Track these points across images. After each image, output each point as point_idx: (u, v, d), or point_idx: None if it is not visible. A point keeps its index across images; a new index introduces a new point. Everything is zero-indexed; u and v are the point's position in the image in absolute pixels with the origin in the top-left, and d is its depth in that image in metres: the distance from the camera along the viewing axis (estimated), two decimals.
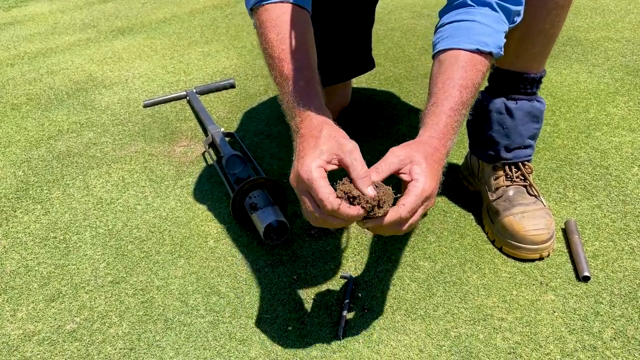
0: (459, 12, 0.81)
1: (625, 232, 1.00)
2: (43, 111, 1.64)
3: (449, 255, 0.98)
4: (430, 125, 0.74)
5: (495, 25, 0.79)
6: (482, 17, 0.79)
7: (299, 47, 0.80)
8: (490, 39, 0.78)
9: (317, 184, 0.65)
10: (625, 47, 1.75)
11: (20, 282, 0.99)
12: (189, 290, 0.95)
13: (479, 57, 0.78)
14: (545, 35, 0.94)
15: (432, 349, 0.81)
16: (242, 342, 0.84)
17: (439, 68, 0.79)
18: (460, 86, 0.75)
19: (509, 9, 0.81)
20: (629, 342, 0.80)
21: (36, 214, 1.18)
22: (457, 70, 0.76)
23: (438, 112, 0.74)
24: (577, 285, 0.90)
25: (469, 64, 0.77)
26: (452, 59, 0.78)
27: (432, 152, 0.71)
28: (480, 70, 0.78)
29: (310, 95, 0.76)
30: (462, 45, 0.78)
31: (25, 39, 2.31)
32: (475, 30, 0.78)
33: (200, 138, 1.43)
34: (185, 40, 2.14)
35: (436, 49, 0.82)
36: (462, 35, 0.78)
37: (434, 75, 0.79)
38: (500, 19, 0.80)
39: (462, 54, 0.77)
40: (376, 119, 1.44)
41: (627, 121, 1.34)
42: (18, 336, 0.88)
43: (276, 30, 0.81)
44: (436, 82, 0.77)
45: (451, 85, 0.75)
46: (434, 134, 0.73)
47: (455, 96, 0.75)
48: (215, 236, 1.07)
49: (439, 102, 0.75)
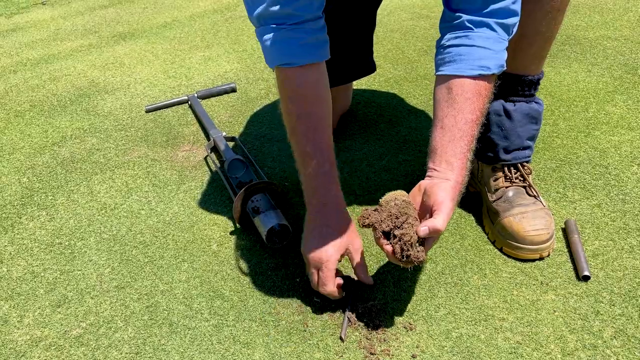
0: (459, 35, 0.84)
1: (625, 231, 1.01)
2: (46, 117, 1.65)
3: (450, 256, 0.99)
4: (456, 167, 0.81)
5: (495, 46, 0.82)
6: (481, 40, 0.82)
7: (322, 125, 0.88)
8: (492, 62, 0.82)
9: (329, 274, 0.86)
10: (624, 45, 1.75)
11: (26, 288, 1.01)
12: (193, 294, 0.96)
13: (482, 83, 0.82)
14: (542, 37, 0.95)
15: (433, 350, 0.82)
16: (246, 345, 0.85)
17: (447, 96, 0.83)
18: (472, 121, 0.82)
19: (507, 25, 0.83)
20: (629, 341, 0.80)
21: (41, 220, 1.19)
22: (465, 102, 0.82)
23: (458, 153, 0.81)
24: (577, 284, 0.91)
25: (475, 95, 0.82)
26: (458, 89, 0.83)
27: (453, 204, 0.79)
28: (486, 96, 0.84)
29: (331, 180, 0.89)
30: (465, 72, 0.82)
31: (28, 45, 2.32)
32: (476, 55, 0.82)
33: (203, 142, 1.44)
34: (186, 45, 2.15)
35: (440, 71, 0.86)
36: (464, 61, 0.83)
37: (442, 102, 0.84)
38: (499, 38, 0.83)
39: (467, 83, 0.82)
40: (376, 121, 1.45)
41: (626, 120, 1.35)
42: (25, 342, 0.90)
43: (299, 103, 0.87)
44: (446, 114, 0.83)
45: (463, 121, 0.81)
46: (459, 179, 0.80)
47: (468, 134, 0.81)
48: (218, 240, 1.08)
49: (456, 141, 0.81)
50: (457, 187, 0.79)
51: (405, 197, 0.79)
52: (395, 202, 0.77)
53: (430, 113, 1.47)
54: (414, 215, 0.76)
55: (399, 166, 1.24)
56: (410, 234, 0.74)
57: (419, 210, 0.80)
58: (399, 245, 0.74)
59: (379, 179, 1.21)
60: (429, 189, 0.79)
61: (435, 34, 2.01)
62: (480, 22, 0.82)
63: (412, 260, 0.74)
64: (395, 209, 0.77)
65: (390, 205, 0.77)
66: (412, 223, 0.75)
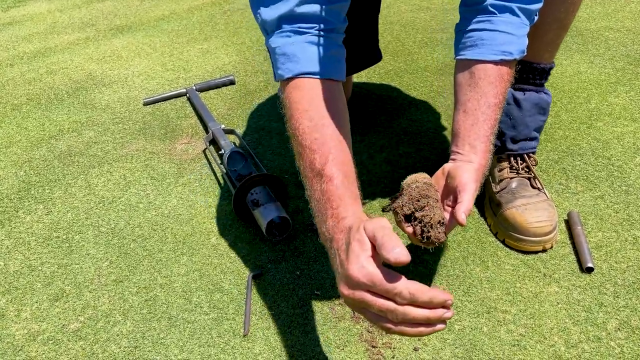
0: (481, 19, 0.83)
1: (629, 222, 1.00)
2: (43, 111, 1.64)
3: (452, 248, 0.98)
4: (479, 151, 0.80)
5: (518, 31, 0.82)
6: (504, 25, 0.81)
7: (333, 137, 0.73)
8: (514, 47, 0.81)
9: (380, 277, 0.56)
10: (626, 36, 1.74)
11: (24, 282, 1.00)
12: (192, 288, 0.95)
13: (505, 69, 0.82)
14: (560, 25, 0.94)
15: (435, 343, 0.81)
16: (246, 339, 0.84)
17: (470, 80, 0.83)
18: (494, 105, 0.81)
19: (530, 10, 0.82)
20: (633, 333, 0.80)
21: (38, 214, 1.18)
22: (488, 87, 0.81)
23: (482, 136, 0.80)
24: (580, 276, 0.90)
25: (498, 79, 0.81)
26: (481, 73, 0.82)
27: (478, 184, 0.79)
28: (508, 80, 0.83)
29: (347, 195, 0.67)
30: (487, 57, 0.81)
31: (24, 39, 2.30)
32: (499, 40, 0.81)
33: (201, 135, 1.42)
34: (184, 38, 2.13)
35: (461, 55, 0.85)
36: (486, 46, 0.82)
37: (464, 86, 0.84)
38: (521, 24, 0.82)
39: (489, 67, 0.81)
40: (377, 113, 1.44)
41: (629, 111, 1.33)
42: (23, 336, 0.89)
43: (308, 116, 0.73)
44: (469, 98, 0.82)
45: (486, 105, 0.81)
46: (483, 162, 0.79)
47: (492, 118, 0.81)
48: (217, 233, 1.07)
49: (479, 125, 0.80)
50: (480, 169, 0.78)
51: (426, 179, 0.79)
52: (417, 185, 0.77)
53: (430, 104, 1.46)
54: (434, 197, 0.76)
55: (400, 158, 1.23)
56: (430, 215, 0.73)
57: (442, 193, 0.79)
58: (420, 227, 0.74)
59: (380, 171, 1.20)
60: (453, 171, 0.78)
61: (436, 25, 2.00)
62: (503, 6, 0.81)
63: (432, 240, 0.73)
64: (416, 192, 0.76)
65: (412, 188, 0.77)
66: (433, 205, 0.75)
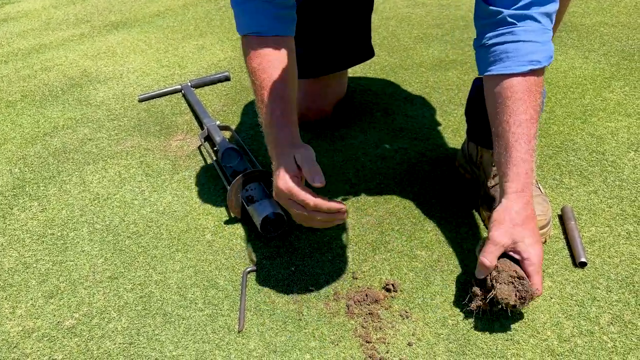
0: (502, 31, 0.80)
1: (622, 217, 1.00)
2: (38, 108, 1.63)
3: (446, 243, 0.98)
4: (512, 177, 0.80)
5: (541, 38, 0.79)
6: (526, 34, 0.79)
7: (278, 78, 0.90)
8: (541, 55, 0.78)
9: (296, 191, 0.78)
10: (621, 31, 1.74)
11: (18, 279, 1.00)
12: (187, 284, 0.95)
13: (533, 79, 0.79)
14: None
15: (430, 338, 0.81)
16: (240, 335, 0.85)
17: (498, 102, 0.81)
18: (526, 121, 0.78)
19: (549, 13, 0.79)
20: (626, 327, 0.80)
21: (33, 211, 1.17)
22: (516, 103, 0.78)
23: (515, 158, 0.79)
24: (573, 271, 0.90)
25: (526, 92, 0.79)
26: (507, 91, 0.79)
27: (525, 213, 0.79)
28: (537, 91, 0.80)
29: (285, 124, 0.88)
30: (515, 69, 0.79)
31: (19, 35, 2.30)
32: (524, 50, 0.78)
33: (196, 132, 1.42)
34: (180, 34, 2.13)
35: (488, 72, 0.82)
36: (512, 58, 0.79)
37: (495, 111, 0.82)
38: (544, 29, 0.79)
39: (516, 82, 0.79)
40: (372, 109, 1.44)
41: (623, 106, 1.34)
42: (17, 333, 0.89)
43: (258, 60, 0.92)
44: (500, 121, 0.81)
45: (516, 123, 0.78)
46: (519, 186, 0.79)
47: (524, 135, 0.78)
48: (212, 229, 1.07)
49: (511, 146, 0.79)
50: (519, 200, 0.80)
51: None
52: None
53: (425, 100, 1.46)
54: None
55: (395, 154, 1.23)
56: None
57: None
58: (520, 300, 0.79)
59: (375, 167, 1.20)
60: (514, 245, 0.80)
61: (432, 21, 2.00)
62: (523, 15, 0.78)
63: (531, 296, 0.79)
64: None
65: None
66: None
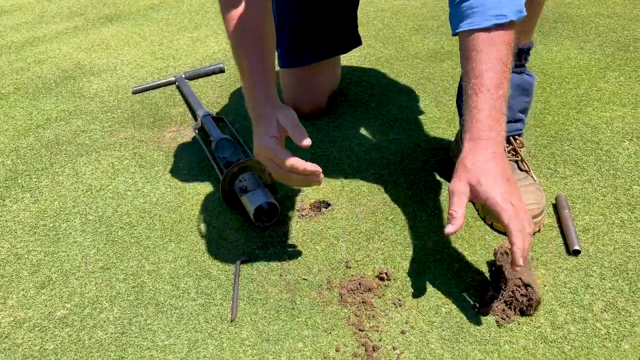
0: None
1: (616, 205, 1.00)
2: (31, 100, 1.62)
3: (440, 232, 0.98)
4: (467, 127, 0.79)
5: None
6: None
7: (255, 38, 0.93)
8: (507, 9, 0.77)
9: (275, 151, 0.84)
10: (617, 22, 1.74)
11: (10, 270, 0.99)
12: (180, 274, 0.94)
13: (498, 32, 0.78)
14: (533, 3, 0.92)
15: (423, 325, 0.81)
16: (233, 324, 0.84)
17: (462, 58, 0.81)
18: (486, 71, 0.77)
19: None
20: (619, 314, 0.80)
21: (25, 203, 1.17)
22: (478, 54, 0.78)
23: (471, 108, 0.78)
24: (567, 259, 0.90)
25: (488, 44, 0.78)
26: (470, 45, 0.79)
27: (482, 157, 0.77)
28: (503, 43, 0.78)
29: (262, 84, 0.92)
30: (479, 24, 0.78)
31: (12, 28, 2.28)
32: (489, 4, 0.78)
33: (190, 123, 1.42)
34: (174, 26, 2.12)
35: (454, 30, 0.83)
36: (477, 14, 0.78)
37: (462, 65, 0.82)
38: None
39: (479, 36, 0.78)
40: (367, 100, 1.43)
41: (618, 96, 1.33)
42: (9, 323, 0.88)
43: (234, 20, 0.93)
44: (462, 76, 0.82)
45: (475, 74, 0.78)
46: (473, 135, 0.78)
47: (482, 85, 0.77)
48: (205, 220, 1.07)
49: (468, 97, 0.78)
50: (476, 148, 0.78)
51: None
52: None
53: (420, 91, 1.45)
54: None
55: (390, 145, 1.23)
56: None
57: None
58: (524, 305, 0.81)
59: (369, 158, 1.19)
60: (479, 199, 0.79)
61: (427, 12, 1.99)
62: None
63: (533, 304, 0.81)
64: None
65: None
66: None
